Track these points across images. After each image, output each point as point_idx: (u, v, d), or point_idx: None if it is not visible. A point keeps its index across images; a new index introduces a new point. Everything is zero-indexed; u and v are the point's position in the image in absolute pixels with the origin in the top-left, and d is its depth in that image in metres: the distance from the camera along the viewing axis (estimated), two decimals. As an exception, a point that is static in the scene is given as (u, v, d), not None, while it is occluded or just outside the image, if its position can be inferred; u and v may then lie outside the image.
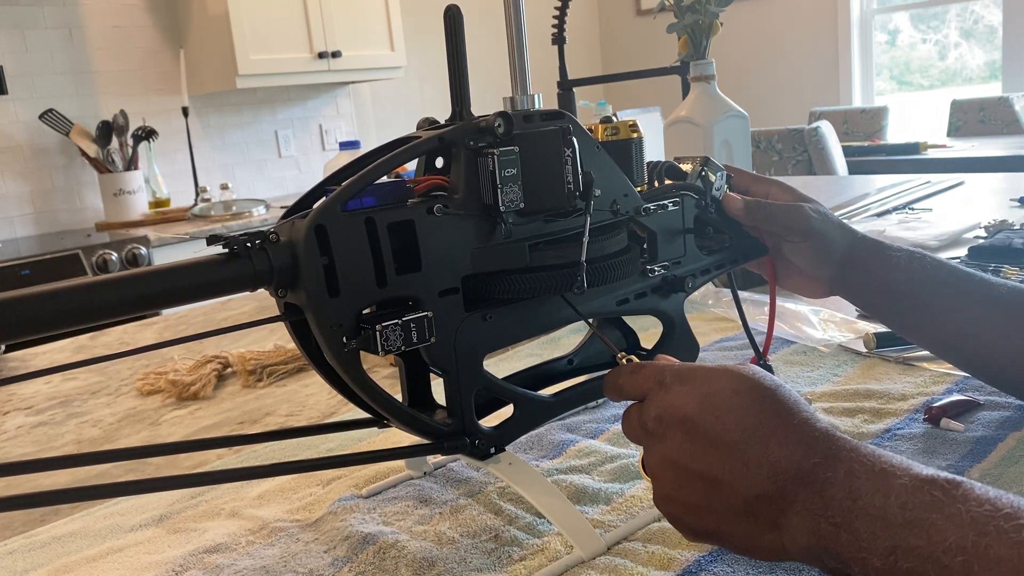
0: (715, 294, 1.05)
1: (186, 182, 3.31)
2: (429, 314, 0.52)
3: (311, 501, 0.65)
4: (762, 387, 0.44)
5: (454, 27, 0.53)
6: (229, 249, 0.48)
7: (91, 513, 0.68)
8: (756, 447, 0.42)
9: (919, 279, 0.65)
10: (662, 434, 0.46)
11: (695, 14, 1.17)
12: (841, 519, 0.39)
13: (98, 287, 0.45)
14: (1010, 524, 0.34)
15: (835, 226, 0.68)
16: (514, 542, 0.56)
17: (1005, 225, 1.25)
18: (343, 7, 3.39)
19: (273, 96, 3.62)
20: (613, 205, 0.60)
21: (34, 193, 3.02)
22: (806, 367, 0.82)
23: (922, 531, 0.36)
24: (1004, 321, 0.62)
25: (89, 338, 1.27)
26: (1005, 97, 4.02)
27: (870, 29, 4.61)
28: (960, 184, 1.81)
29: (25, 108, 2.96)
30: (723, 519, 0.43)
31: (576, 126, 0.57)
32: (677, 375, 0.47)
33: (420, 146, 0.53)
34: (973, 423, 0.65)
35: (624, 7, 5.24)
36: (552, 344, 0.97)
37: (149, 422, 0.89)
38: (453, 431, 0.55)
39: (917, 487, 0.38)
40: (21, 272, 2.44)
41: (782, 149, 3.55)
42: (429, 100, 4.32)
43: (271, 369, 0.98)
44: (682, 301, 0.66)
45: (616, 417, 0.74)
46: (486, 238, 0.54)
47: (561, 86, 1.79)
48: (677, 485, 0.45)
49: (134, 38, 3.23)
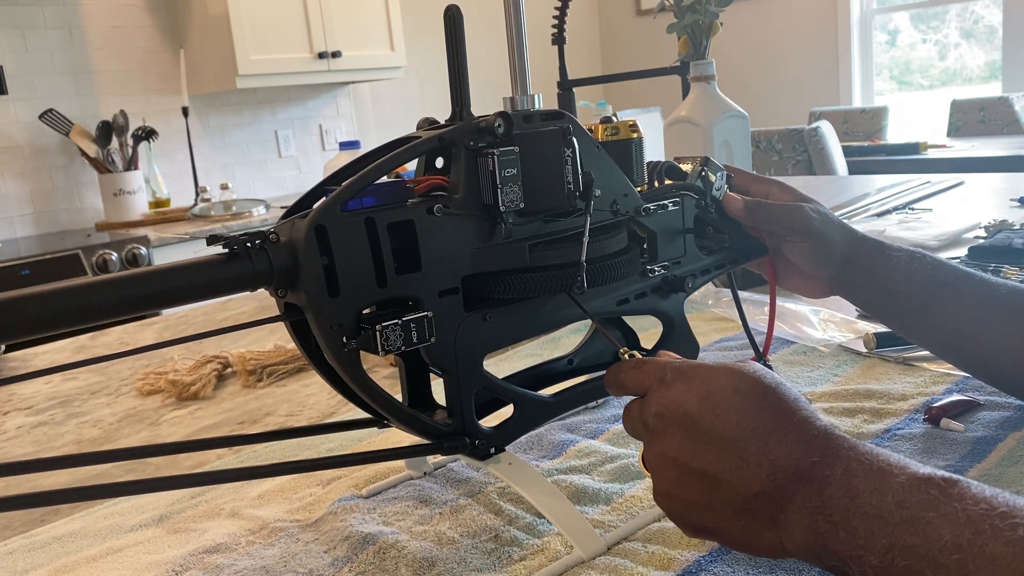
0: (715, 294, 1.05)
1: (186, 182, 3.31)
2: (429, 314, 0.52)
3: (311, 501, 0.65)
4: (762, 385, 0.44)
5: (454, 27, 0.53)
6: (229, 249, 0.48)
7: (91, 513, 0.68)
8: (756, 445, 0.42)
9: (919, 279, 0.65)
10: (662, 431, 0.46)
11: (695, 14, 1.17)
12: (839, 517, 0.39)
13: (98, 287, 0.45)
14: (1005, 523, 0.34)
15: (835, 226, 0.68)
16: (514, 542, 0.56)
17: (1005, 225, 1.25)
18: (343, 7, 3.39)
19: (273, 96, 3.62)
20: (613, 205, 0.60)
21: (34, 193, 3.02)
22: (806, 367, 0.82)
23: (919, 529, 0.36)
24: (1004, 321, 0.62)
25: (89, 338, 1.27)
26: (1005, 97, 4.02)
27: (870, 29, 4.61)
28: (960, 184, 1.81)
29: (25, 108, 2.96)
30: (722, 516, 0.43)
31: (576, 126, 0.57)
32: (678, 372, 0.47)
33: (420, 146, 0.53)
34: (973, 423, 0.65)
35: (624, 7, 5.24)
36: (552, 344, 0.97)
37: (149, 422, 0.89)
38: (453, 431, 0.55)
39: (914, 485, 0.38)
40: (21, 272, 2.44)
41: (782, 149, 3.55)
42: (429, 100, 4.32)
43: (271, 369, 0.98)
44: (682, 301, 0.66)
45: (616, 417, 0.74)
46: (486, 238, 0.54)
47: (561, 86, 1.79)
48: (677, 482, 0.45)
49: (134, 38, 3.23)
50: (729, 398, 0.44)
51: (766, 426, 0.43)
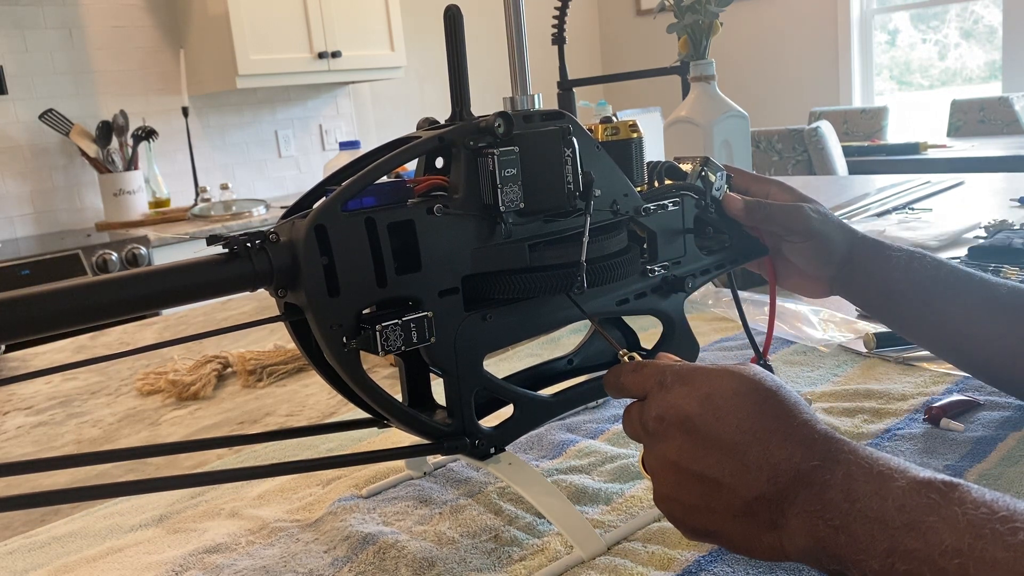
0: (715, 294, 1.05)
1: (186, 182, 3.31)
2: (429, 314, 0.52)
3: (311, 501, 0.65)
4: (763, 388, 0.44)
5: (454, 27, 0.53)
6: (229, 249, 0.48)
7: (91, 513, 0.68)
8: (756, 449, 0.42)
9: (919, 279, 0.65)
10: (662, 434, 0.46)
11: (695, 14, 1.17)
12: (839, 521, 0.39)
13: (98, 287, 0.45)
14: (1006, 527, 0.34)
15: (835, 226, 0.68)
16: (514, 542, 0.56)
17: (1005, 225, 1.25)
18: (343, 7, 3.39)
19: (273, 96, 3.62)
20: (613, 205, 0.60)
21: (34, 193, 3.02)
22: (806, 367, 0.82)
23: (919, 534, 0.36)
24: (1004, 321, 0.62)
25: (89, 338, 1.27)
26: (1005, 97, 4.02)
27: (870, 29, 4.61)
28: (960, 184, 1.81)
29: (25, 108, 2.96)
30: (723, 520, 0.43)
31: (576, 126, 0.57)
32: (678, 375, 0.47)
33: (420, 146, 0.53)
34: (973, 423, 0.65)
35: (624, 7, 5.24)
36: (552, 344, 0.97)
37: (149, 422, 0.89)
38: (453, 431, 0.55)
39: (914, 489, 0.38)
40: (21, 272, 2.44)
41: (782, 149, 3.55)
42: (429, 100, 4.32)
43: (271, 369, 0.98)
44: (682, 301, 0.66)
45: (616, 417, 0.74)
46: (486, 238, 0.54)
47: (561, 86, 1.79)
48: (677, 485, 0.45)
49: (134, 38, 3.23)
50: (729, 401, 0.44)
51: (767, 429, 0.43)
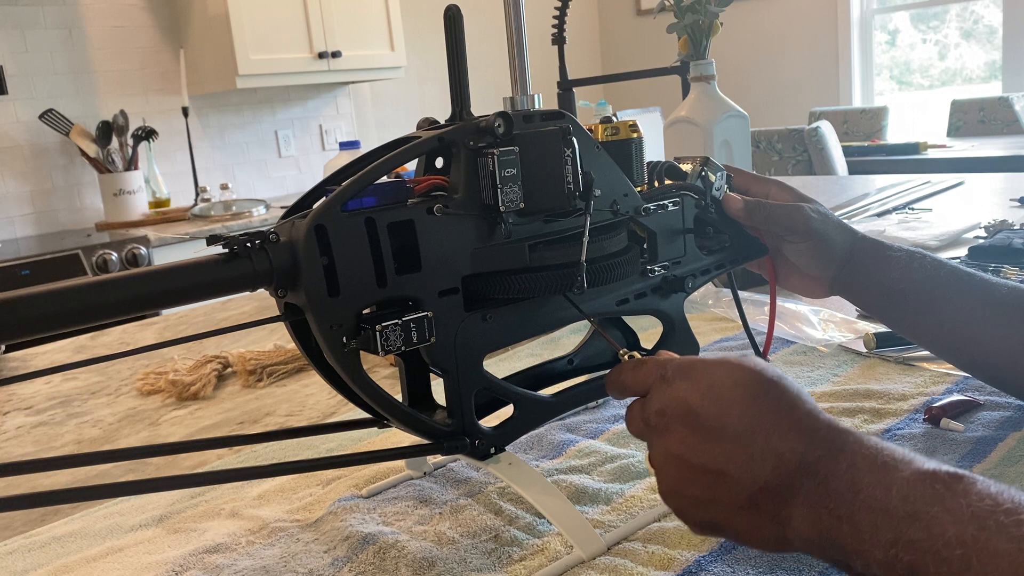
0: (715, 294, 1.05)
1: (186, 182, 3.31)
2: (429, 314, 0.52)
3: (311, 501, 0.65)
4: (765, 379, 0.44)
5: (454, 27, 0.53)
6: (229, 249, 0.48)
7: (91, 513, 0.68)
8: (760, 439, 0.42)
9: (919, 279, 0.65)
10: (665, 428, 0.46)
11: (695, 14, 1.17)
12: (843, 511, 0.39)
13: (98, 287, 0.45)
14: (1010, 519, 0.34)
15: (835, 226, 0.68)
16: (514, 542, 0.56)
17: (1005, 225, 1.25)
18: (343, 7, 3.39)
19: (273, 96, 3.62)
20: (613, 205, 0.60)
21: (34, 193, 3.02)
22: (806, 367, 0.82)
23: (923, 524, 0.36)
24: (1004, 321, 0.62)
25: (89, 338, 1.27)
26: (1005, 97, 4.02)
27: (870, 29, 4.61)
28: (960, 184, 1.81)
29: (25, 108, 2.96)
30: (728, 511, 0.43)
31: (576, 126, 0.57)
32: (679, 369, 0.47)
33: (420, 146, 0.53)
34: (973, 423, 0.65)
35: (624, 7, 5.24)
36: (552, 344, 0.97)
37: (149, 422, 0.89)
38: (453, 431, 0.55)
39: (919, 480, 0.38)
40: (21, 272, 2.44)
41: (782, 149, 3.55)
42: (429, 100, 4.32)
43: (271, 369, 0.98)
44: (682, 301, 0.66)
45: (616, 417, 0.74)
46: (486, 238, 0.54)
47: (561, 86, 1.79)
48: (681, 479, 0.45)
49: (134, 38, 3.23)
50: (731, 392, 0.44)
51: (770, 420, 0.43)
